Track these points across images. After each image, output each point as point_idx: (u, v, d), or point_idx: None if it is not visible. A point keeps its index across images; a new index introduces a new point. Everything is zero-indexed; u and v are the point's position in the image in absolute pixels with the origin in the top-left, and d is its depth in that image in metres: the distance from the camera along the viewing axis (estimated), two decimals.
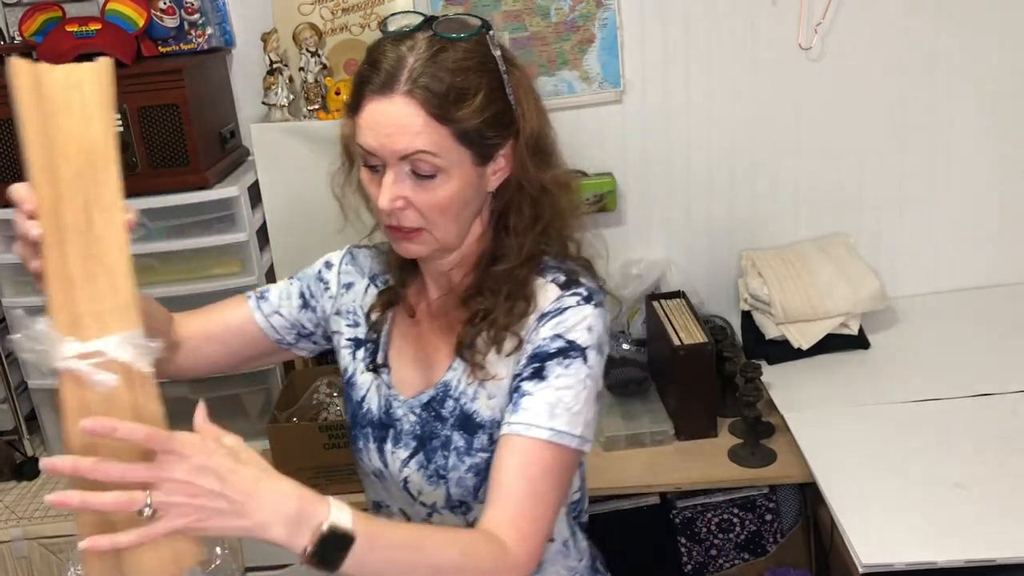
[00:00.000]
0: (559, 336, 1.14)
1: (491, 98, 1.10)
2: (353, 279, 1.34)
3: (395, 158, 1.08)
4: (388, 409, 1.26)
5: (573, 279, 1.19)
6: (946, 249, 2.30)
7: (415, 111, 1.06)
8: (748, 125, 2.21)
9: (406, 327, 1.28)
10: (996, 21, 2.13)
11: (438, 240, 1.14)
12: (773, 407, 1.95)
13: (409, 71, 1.06)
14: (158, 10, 2.03)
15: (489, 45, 1.12)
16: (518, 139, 1.15)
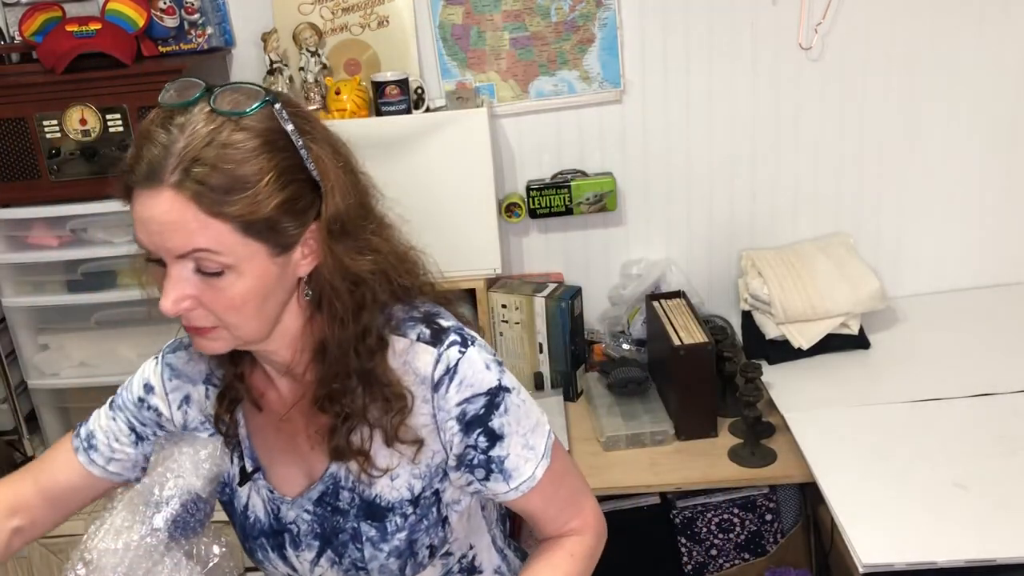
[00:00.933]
0: (475, 395, 1.08)
1: (281, 183, 0.95)
2: (186, 391, 1.20)
3: (172, 256, 0.95)
4: (277, 514, 1.16)
5: (436, 327, 1.10)
6: (946, 249, 2.30)
7: (185, 206, 0.91)
8: (748, 125, 2.21)
9: (262, 421, 1.16)
10: (996, 21, 2.13)
11: (236, 337, 1.02)
12: (773, 407, 1.95)
13: (178, 158, 0.92)
14: (158, 10, 2.03)
15: (279, 119, 0.97)
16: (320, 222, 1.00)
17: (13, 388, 2.12)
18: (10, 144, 1.92)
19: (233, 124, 0.94)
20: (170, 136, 0.93)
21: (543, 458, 1.13)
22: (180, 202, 0.92)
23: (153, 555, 1.11)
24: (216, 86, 0.98)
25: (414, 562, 1.14)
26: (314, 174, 0.99)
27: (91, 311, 2.07)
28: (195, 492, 1.15)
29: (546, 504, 1.17)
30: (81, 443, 1.22)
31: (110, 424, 1.22)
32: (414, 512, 1.12)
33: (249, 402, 1.16)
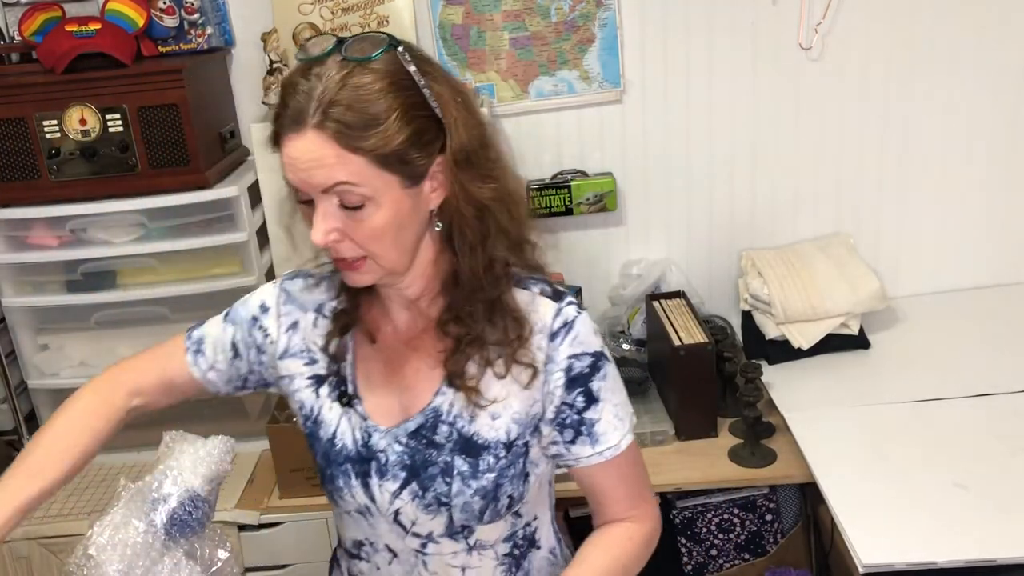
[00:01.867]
0: (583, 353, 1.17)
1: (407, 118, 1.05)
2: (295, 317, 1.27)
3: (318, 192, 1.06)
4: (367, 441, 1.20)
5: (555, 288, 1.20)
6: (946, 249, 2.30)
7: (326, 143, 1.03)
8: (748, 125, 2.21)
9: (370, 352, 1.23)
10: (996, 20, 2.13)
11: (383, 267, 1.11)
12: (773, 407, 1.95)
13: (317, 102, 1.03)
14: (158, 10, 2.03)
15: (402, 62, 1.07)
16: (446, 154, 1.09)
17: (13, 388, 2.12)
18: (10, 144, 1.92)
19: (362, 68, 1.05)
20: (309, 84, 1.05)
21: (628, 432, 1.21)
22: (322, 140, 1.03)
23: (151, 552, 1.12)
24: (347, 38, 1.08)
25: (494, 508, 1.18)
26: (436, 110, 1.08)
27: (91, 311, 2.07)
28: (194, 490, 1.15)
29: (618, 482, 1.23)
30: (192, 344, 1.31)
31: (220, 334, 1.31)
32: (506, 456, 1.17)
33: (362, 333, 1.23)
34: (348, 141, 1.03)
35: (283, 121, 1.06)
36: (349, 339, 1.24)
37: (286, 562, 1.96)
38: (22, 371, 2.12)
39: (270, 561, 1.97)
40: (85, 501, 1.99)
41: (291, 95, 1.06)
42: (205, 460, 1.17)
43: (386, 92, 1.05)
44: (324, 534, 1.93)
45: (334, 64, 1.05)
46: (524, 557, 1.26)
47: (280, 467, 1.91)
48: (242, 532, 1.93)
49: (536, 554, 1.27)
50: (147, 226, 2.00)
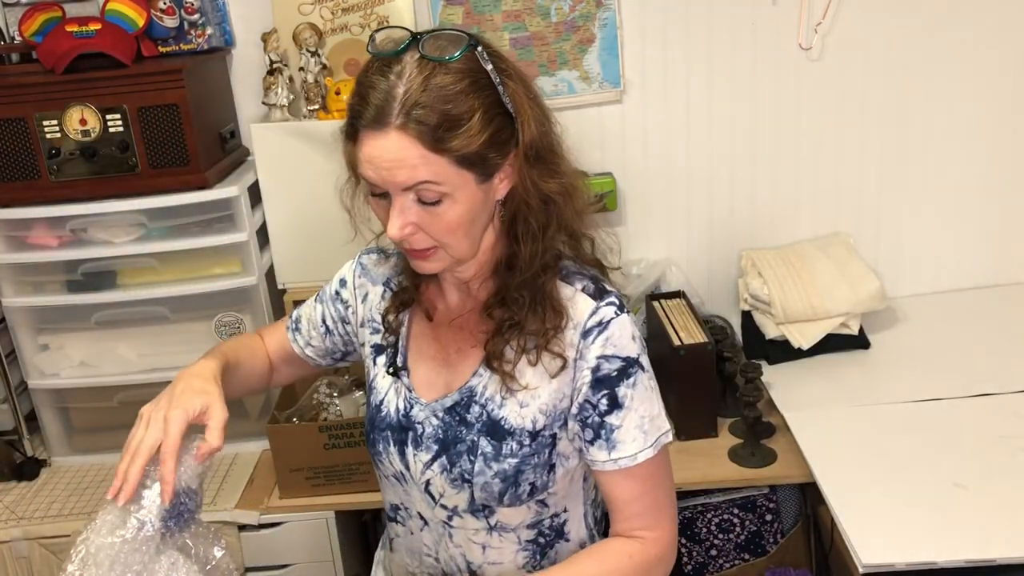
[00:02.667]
0: (614, 356, 1.17)
1: (487, 118, 1.08)
2: (367, 289, 1.35)
3: (398, 189, 1.08)
4: (408, 412, 1.26)
5: (600, 287, 1.21)
6: (946, 249, 2.30)
7: (410, 144, 1.05)
8: (748, 125, 2.21)
9: (424, 328, 1.29)
10: (996, 20, 2.13)
11: (452, 257, 1.15)
12: (773, 407, 1.95)
13: (400, 103, 1.04)
14: (158, 10, 2.03)
15: (480, 61, 1.09)
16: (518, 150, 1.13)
17: (13, 388, 2.12)
18: (10, 144, 1.92)
19: (442, 68, 1.06)
20: (389, 82, 1.05)
21: (649, 447, 1.19)
22: (406, 141, 1.04)
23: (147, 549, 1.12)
24: (420, 33, 1.09)
25: (514, 492, 1.20)
26: (510, 108, 1.11)
27: (91, 311, 2.07)
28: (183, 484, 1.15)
29: (631, 496, 1.20)
30: (292, 323, 1.43)
31: (311, 312, 1.41)
32: (530, 445, 1.19)
33: (419, 309, 1.29)
34: (432, 143, 1.04)
35: (363, 119, 1.07)
36: (406, 314, 1.30)
37: (286, 562, 1.96)
38: (22, 371, 2.12)
39: (270, 561, 1.97)
40: (85, 501, 1.99)
41: (370, 92, 1.06)
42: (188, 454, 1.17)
43: (467, 93, 1.06)
44: (324, 534, 1.93)
45: (412, 62, 1.06)
46: (551, 547, 1.27)
47: (280, 467, 1.91)
48: (242, 532, 1.93)
49: (564, 546, 1.28)
50: (147, 226, 2.00)
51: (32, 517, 1.96)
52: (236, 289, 2.02)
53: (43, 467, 2.13)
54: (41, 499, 2.02)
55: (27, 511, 1.98)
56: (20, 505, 2.00)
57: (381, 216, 1.14)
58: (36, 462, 2.12)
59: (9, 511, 1.98)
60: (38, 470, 2.12)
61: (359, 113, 1.07)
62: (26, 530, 1.93)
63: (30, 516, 1.96)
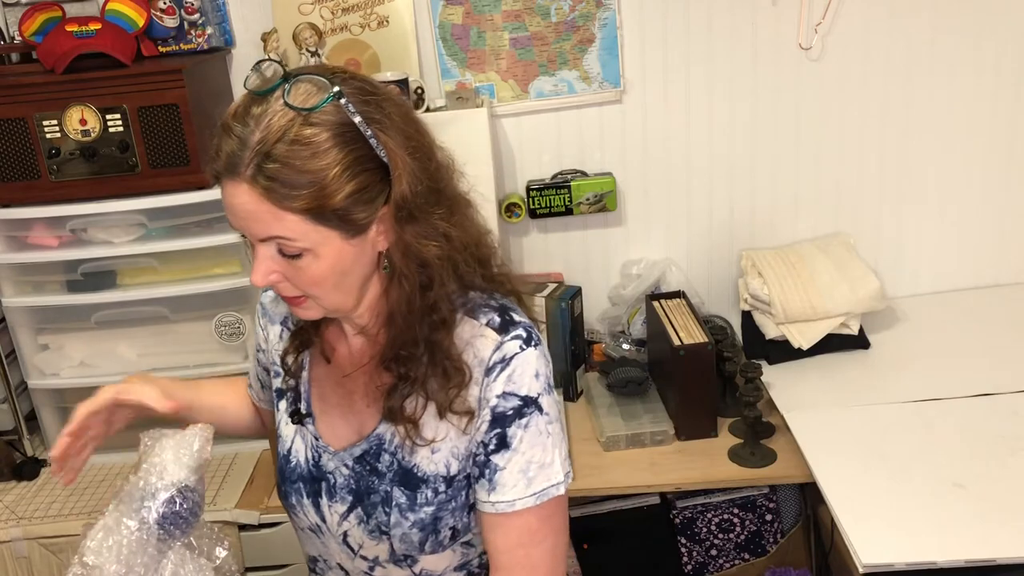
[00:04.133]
0: (511, 394, 1.10)
1: (349, 175, 0.99)
2: (270, 330, 1.30)
3: (256, 240, 1.02)
4: (318, 461, 1.20)
5: (507, 318, 1.13)
6: (946, 249, 2.30)
7: (258, 200, 0.98)
8: (748, 125, 2.21)
9: (327, 372, 1.22)
10: (996, 20, 2.13)
11: (325, 307, 1.09)
12: (773, 407, 1.95)
13: (253, 152, 0.97)
14: (158, 10, 2.03)
15: (346, 113, 0.99)
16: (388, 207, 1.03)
17: (13, 388, 2.12)
18: (10, 144, 1.92)
19: (304, 119, 0.98)
20: (246, 129, 0.98)
21: (532, 496, 1.10)
22: (254, 195, 0.98)
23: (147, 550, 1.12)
24: (292, 74, 1.01)
25: (435, 539, 1.15)
26: (383, 157, 1.02)
27: (91, 311, 2.07)
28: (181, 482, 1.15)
29: (503, 547, 1.12)
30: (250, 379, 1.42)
31: (255, 367, 1.39)
32: (446, 491, 1.14)
33: (319, 352, 1.23)
34: (280, 200, 0.97)
35: (217, 165, 1.00)
36: (306, 356, 1.24)
37: (286, 562, 1.96)
38: (22, 371, 2.12)
39: (270, 561, 1.97)
40: (85, 501, 1.99)
41: (226, 137, 0.99)
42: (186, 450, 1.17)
43: (329, 147, 0.98)
44: None
45: (277, 107, 0.98)
46: None
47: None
48: (242, 532, 1.93)
49: None
50: (147, 226, 2.00)
51: (32, 517, 1.96)
52: (236, 289, 2.02)
53: (43, 467, 2.13)
54: (41, 499, 2.02)
55: (27, 511, 1.98)
56: (20, 505, 2.00)
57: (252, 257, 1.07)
58: (36, 462, 2.12)
59: (9, 511, 1.99)
60: (38, 470, 2.12)
61: (213, 159, 1.01)
62: (26, 530, 1.93)
63: (30, 516, 1.96)
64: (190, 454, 1.17)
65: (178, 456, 1.17)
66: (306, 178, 0.97)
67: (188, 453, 1.17)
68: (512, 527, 1.11)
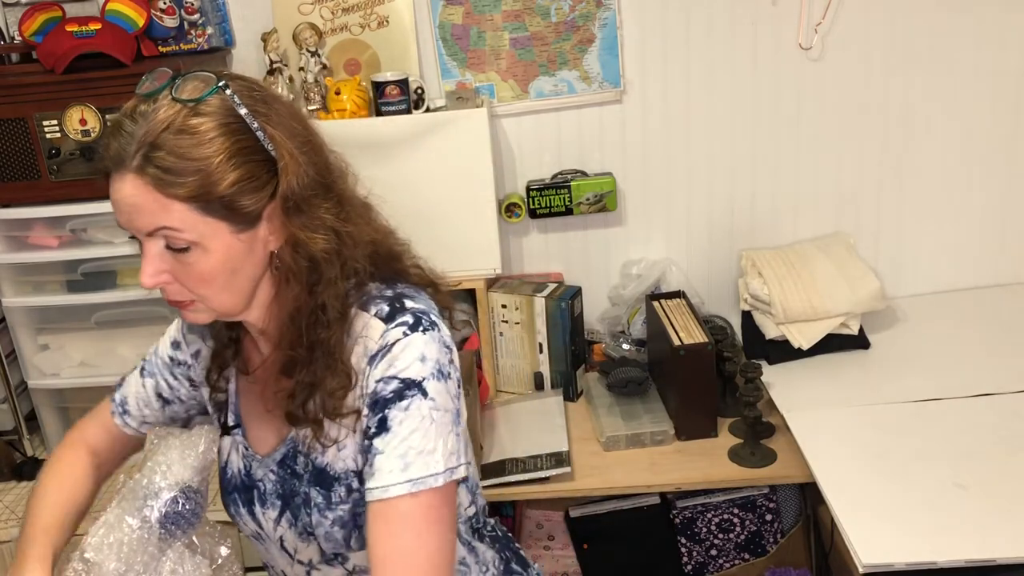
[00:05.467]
0: (392, 377, 1.07)
1: (234, 163, 1.01)
2: (198, 346, 1.29)
3: (143, 234, 1.02)
4: (249, 470, 1.21)
5: (397, 307, 1.11)
6: (946, 249, 2.30)
7: (145, 189, 0.99)
8: (748, 125, 2.21)
9: (248, 383, 1.23)
10: (996, 20, 2.13)
11: (213, 309, 1.08)
12: (773, 407, 1.95)
13: (138, 143, 0.99)
14: (158, 10, 2.03)
15: (232, 104, 1.02)
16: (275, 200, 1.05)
17: (13, 388, 2.12)
18: (10, 144, 1.92)
19: (190, 110, 1.00)
20: (135, 125, 1.00)
21: (406, 483, 1.04)
22: (141, 185, 0.99)
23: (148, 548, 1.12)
24: (180, 76, 1.04)
25: (358, 535, 1.14)
26: (272, 152, 1.04)
27: (91, 311, 2.07)
28: (185, 482, 1.15)
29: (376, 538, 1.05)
30: (117, 407, 1.33)
31: (139, 390, 1.32)
32: (359, 487, 1.12)
33: (244, 359, 1.23)
34: (166, 187, 0.99)
35: (105, 161, 1.02)
36: (231, 370, 1.24)
37: None
38: (22, 371, 2.12)
39: None
40: None
41: (115, 134, 1.01)
42: (192, 451, 1.18)
43: (213, 136, 1.00)
44: None
45: (164, 103, 1.01)
46: None
47: None
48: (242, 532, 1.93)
49: None
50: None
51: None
52: None
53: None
54: None
55: None
56: (20, 505, 2.00)
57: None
58: (36, 462, 2.12)
59: (9, 511, 1.98)
60: (38, 470, 2.11)
61: (103, 156, 1.02)
62: None
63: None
64: (195, 455, 1.17)
65: (183, 456, 1.17)
66: (192, 165, 0.99)
67: (193, 454, 1.17)
68: (389, 516, 1.05)
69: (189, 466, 1.17)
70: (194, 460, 1.17)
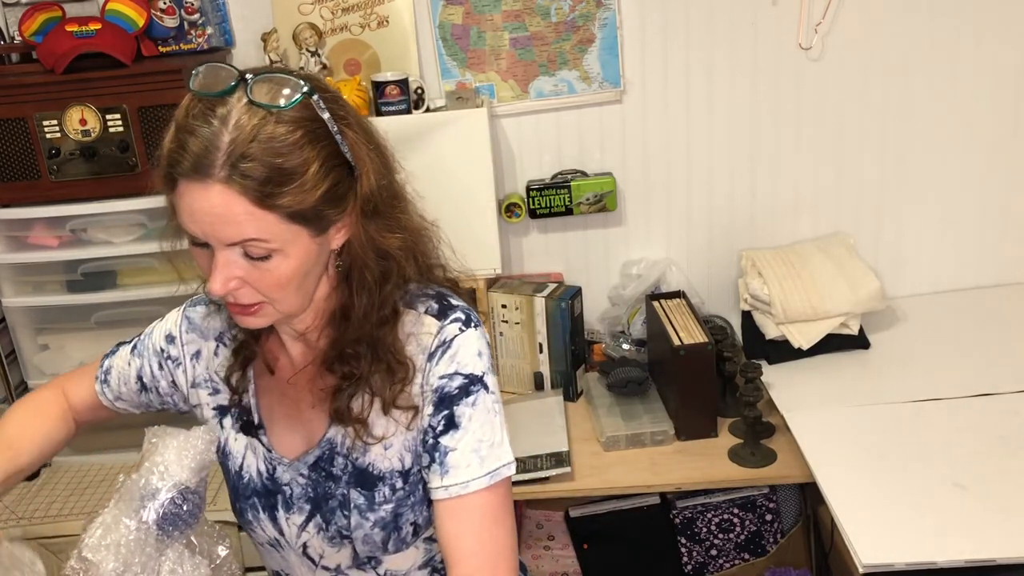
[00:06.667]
0: (456, 373, 1.10)
1: (323, 172, 0.99)
2: (198, 346, 1.25)
3: (222, 245, 0.99)
4: (272, 474, 1.19)
5: (445, 304, 1.14)
6: (946, 249, 2.30)
7: (235, 200, 0.95)
8: (748, 125, 2.21)
9: (271, 383, 1.21)
10: (996, 20, 2.13)
11: (281, 312, 1.06)
12: (773, 407, 1.95)
13: (225, 154, 0.94)
14: (158, 10, 2.03)
15: (316, 109, 0.99)
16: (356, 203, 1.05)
17: (13, 388, 2.12)
18: (10, 144, 1.92)
19: (274, 117, 0.96)
20: (212, 129, 0.95)
21: (485, 476, 1.08)
22: (230, 196, 0.95)
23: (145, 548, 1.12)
24: (247, 73, 0.99)
25: (397, 537, 1.14)
26: (350, 159, 1.03)
27: (91, 311, 2.07)
28: (183, 483, 1.15)
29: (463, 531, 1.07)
30: (101, 373, 1.31)
31: (124, 367, 1.30)
32: (403, 487, 1.13)
33: (262, 363, 1.20)
34: (259, 199, 0.95)
35: (180, 167, 0.96)
36: (251, 370, 1.21)
37: None
38: (22, 371, 2.12)
39: None
40: (85, 501, 1.99)
41: (190, 139, 0.96)
42: (190, 452, 1.17)
43: (301, 145, 0.97)
44: None
45: (241, 107, 0.96)
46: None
47: None
48: (242, 532, 1.93)
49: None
50: (147, 226, 2.00)
51: (32, 517, 1.96)
52: None
53: (43, 467, 2.13)
54: (41, 499, 2.02)
55: (27, 511, 1.98)
56: (20, 505, 2.00)
57: (203, 267, 1.03)
58: None
59: (9, 511, 1.99)
60: (38, 470, 2.12)
61: (176, 161, 0.96)
62: (26, 530, 1.93)
63: (30, 516, 1.96)
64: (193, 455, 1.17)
65: (181, 456, 1.17)
66: (284, 176, 0.96)
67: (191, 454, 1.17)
68: (469, 510, 1.07)
69: (187, 467, 1.16)
70: (192, 461, 1.17)
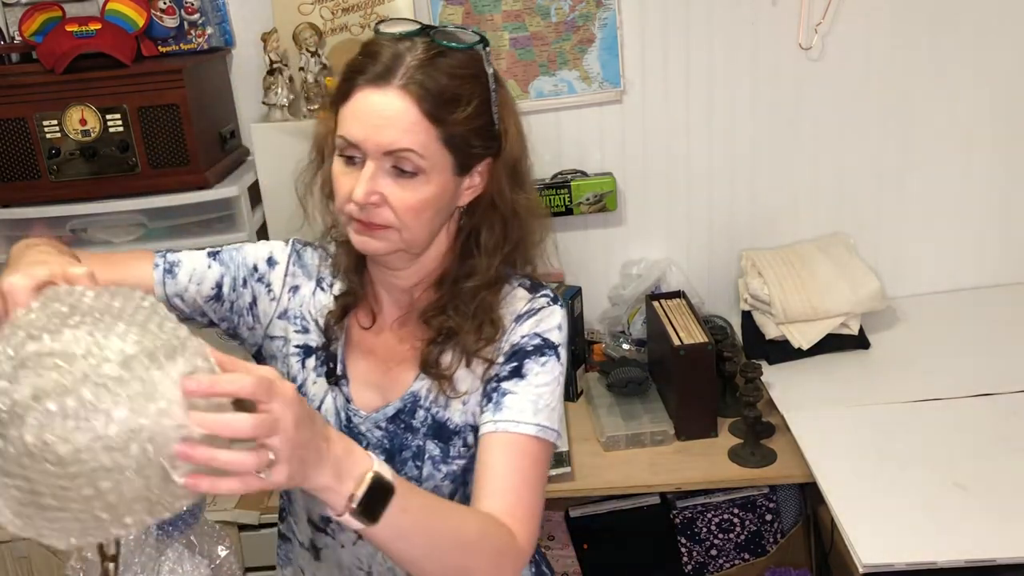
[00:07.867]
0: (537, 334, 1.16)
1: (480, 110, 1.10)
2: (299, 281, 1.25)
3: (379, 152, 1.06)
4: (348, 423, 1.21)
5: (536, 283, 1.22)
6: (946, 249, 2.30)
7: (409, 106, 1.05)
8: (748, 125, 2.21)
9: (361, 337, 1.23)
10: (996, 21, 2.13)
11: (404, 240, 1.11)
12: (773, 407, 1.95)
13: (407, 67, 1.06)
14: (158, 10, 2.03)
15: (484, 61, 1.12)
16: (498, 158, 1.14)
17: None
18: (10, 144, 1.92)
19: (450, 53, 1.09)
20: (397, 48, 1.07)
21: (535, 426, 1.10)
22: (406, 101, 1.05)
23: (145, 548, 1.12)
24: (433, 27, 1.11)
25: (463, 492, 1.18)
26: (495, 117, 1.13)
27: None
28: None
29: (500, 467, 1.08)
30: (164, 263, 1.21)
31: (203, 269, 1.21)
32: (476, 443, 1.15)
33: (357, 316, 1.23)
34: (430, 109, 1.05)
35: (364, 74, 1.06)
36: (346, 320, 1.23)
37: None
38: None
39: (270, 561, 1.96)
40: None
41: (379, 52, 1.07)
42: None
43: (470, 80, 1.09)
44: None
45: (421, 43, 1.08)
46: None
47: None
48: (242, 532, 1.93)
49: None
50: (147, 226, 2.00)
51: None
52: None
53: None
54: None
55: None
56: None
57: (343, 182, 1.09)
58: None
59: None
60: None
61: (361, 68, 1.07)
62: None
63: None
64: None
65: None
66: (454, 96, 1.07)
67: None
68: (511, 448, 1.09)
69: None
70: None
